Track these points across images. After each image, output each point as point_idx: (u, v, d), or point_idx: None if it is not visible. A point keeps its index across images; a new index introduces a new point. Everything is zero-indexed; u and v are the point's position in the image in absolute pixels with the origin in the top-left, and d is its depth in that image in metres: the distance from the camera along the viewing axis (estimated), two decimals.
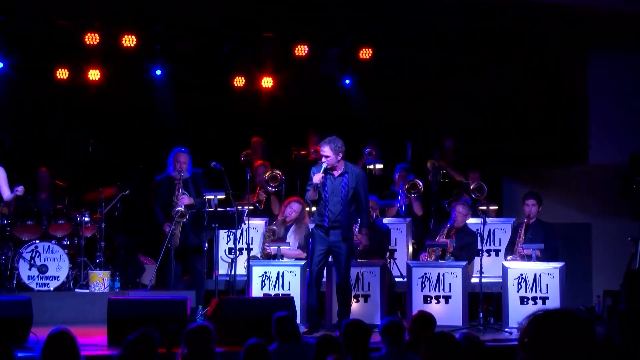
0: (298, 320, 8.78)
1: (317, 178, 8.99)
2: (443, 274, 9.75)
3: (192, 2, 11.27)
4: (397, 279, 10.54)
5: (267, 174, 11.00)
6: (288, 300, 8.78)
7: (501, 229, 11.02)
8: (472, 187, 11.19)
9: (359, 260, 9.66)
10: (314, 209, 11.06)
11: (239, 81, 12.76)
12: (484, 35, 11.83)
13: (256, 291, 9.61)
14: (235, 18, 11.47)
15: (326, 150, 9.05)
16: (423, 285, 9.77)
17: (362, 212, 9.21)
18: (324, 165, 9.03)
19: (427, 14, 11.35)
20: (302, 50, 12.22)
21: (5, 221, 10.25)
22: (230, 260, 10.38)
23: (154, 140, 12.60)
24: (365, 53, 12.36)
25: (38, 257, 10.28)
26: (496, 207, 11.74)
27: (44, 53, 11.90)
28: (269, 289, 9.63)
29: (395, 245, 10.95)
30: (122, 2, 11.23)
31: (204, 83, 12.76)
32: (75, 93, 12.33)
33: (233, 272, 10.03)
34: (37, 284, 10.22)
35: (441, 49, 12.20)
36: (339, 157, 9.08)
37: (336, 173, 9.11)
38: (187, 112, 12.83)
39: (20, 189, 9.80)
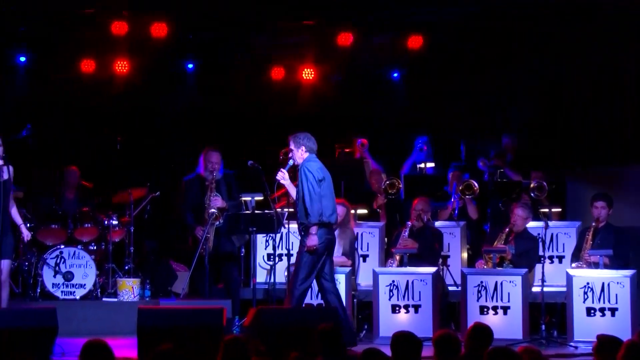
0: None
1: (277, 175, 9.08)
2: (501, 283, 9.71)
3: None
4: (450, 288, 10.52)
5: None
6: (332, 310, 8.79)
7: (565, 234, 10.93)
8: (531, 185, 11.14)
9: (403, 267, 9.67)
10: (360, 211, 11.12)
11: (278, 73, 12.81)
12: (552, 23, 11.71)
13: None
14: (274, 4, 11.52)
15: (290, 144, 9.15)
16: (479, 295, 9.74)
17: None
18: (290, 162, 9.14)
19: None
20: (346, 38, 12.24)
21: (28, 224, 10.38)
22: (269, 267, 10.43)
23: (186, 137, 12.70)
24: (416, 41, 12.34)
25: (63, 263, 10.42)
26: (559, 210, 11.66)
27: (68, 44, 12.05)
28: (312, 299, 9.66)
29: (449, 251, 10.93)
30: None
31: (240, 75, 12.84)
32: (101, 86, 12.46)
33: (272, 280, 10.05)
34: (62, 292, 10.36)
35: (502, 36, 12.11)
36: (302, 152, 9.12)
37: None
38: (220, 107, 12.92)
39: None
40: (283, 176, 9.10)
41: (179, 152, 12.62)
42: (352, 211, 10.63)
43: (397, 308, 9.77)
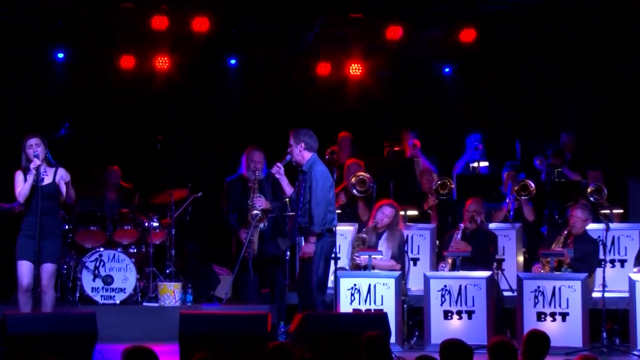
0: (392, 340, 8.81)
1: (275, 168, 9.12)
2: (559, 288, 9.65)
3: None
4: (505, 293, 10.47)
5: (353, 177, 11.04)
6: (380, 316, 8.77)
7: (627, 236, 10.84)
8: (589, 190, 11.06)
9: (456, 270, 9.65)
10: (410, 213, 11.10)
11: (324, 68, 12.83)
12: (610, 17, 11.59)
13: (344, 306, 9.66)
14: None
15: (290, 139, 9.19)
16: (536, 301, 9.68)
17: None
18: (288, 158, 9.18)
19: None
20: (395, 32, 12.23)
21: (66, 226, 10.50)
22: None
23: (228, 136, 12.76)
24: (468, 35, 12.30)
25: (103, 266, 10.52)
26: (621, 211, 11.55)
27: (107, 40, 12.16)
28: (359, 304, 9.67)
29: (504, 254, 10.89)
30: None
31: (284, 71, 12.88)
32: (141, 83, 12.56)
33: None
34: (101, 296, 10.47)
35: (560, 29, 12.00)
36: (301, 148, 9.13)
37: (304, 169, 9.22)
38: (263, 103, 12.96)
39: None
40: (279, 170, 9.16)
41: (221, 151, 12.69)
42: (402, 213, 10.61)
43: (450, 314, 9.74)
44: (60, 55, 12.40)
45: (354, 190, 11.07)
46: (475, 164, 12.13)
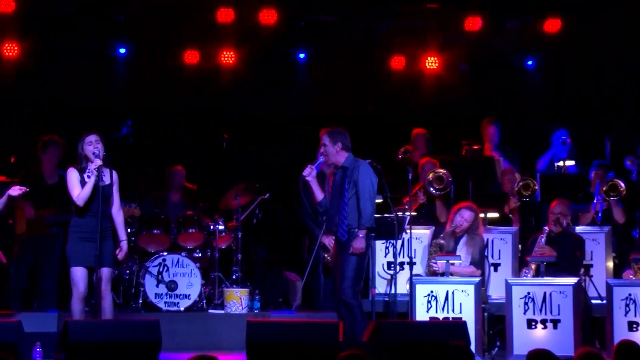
0: (472, 350, 8.77)
1: (305, 171, 9.06)
2: None
3: None
4: (594, 301, 10.36)
5: (430, 174, 11.01)
6: (460, 325, 8.74)
7: None
8: None
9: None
10: (490, 215, 11.03)
11: (398, 62, 12.81)
12: None
13: (421, 314, 9.64)
14: None
15: (324, 139, 9.16)
16: (627, 309, 9.57)
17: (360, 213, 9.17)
18: (321, 159, 9.16)
19: None
20: (474, 23, 12.17)
21: (129, 229, 10.61)
22: (389, 277, 10.44)
23: (299, 133, 12.79)
24: (553, 25, 12.18)
25: (166, 271, 10.63)
26: None
27: (170, 34, 12.27)
28: (436, 312, 9.65)
29: (592, 259, 10.78)
30: None
31: (355, 65, 12.88)
32: (206, 79, 12.65)
33: (393, 291, 10.08)
34: (165, 303, 10.57)
35: None
36: (338, 148, 9.11)
37: (337, 169, 9.19)
38: (334, 99, 12.98)
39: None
40: (311, 172, 9.11)
41: (291, 150, 12.73)
42: (482, 215, 10.55)
43: (534, 323, 9.66)
44: (122, 51, 12.52)
45: (431, 189, 11.02)
46: (561, 163, 12.00)
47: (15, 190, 8.79)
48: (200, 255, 11.15)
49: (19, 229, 10.32)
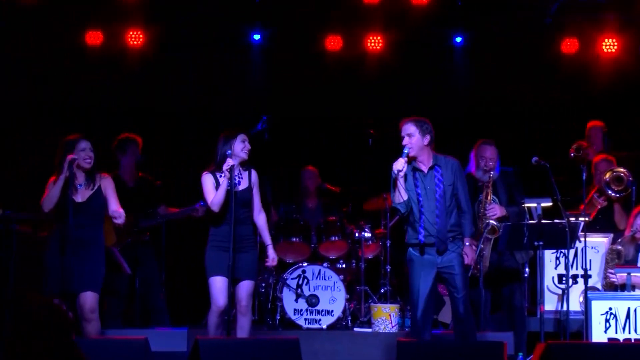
0: None
1: (398, 164, 8.66)
2: None
3: None
4: None
5: (608, 174, 10.84)
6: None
7: None
8: None
9: None
10: None
11: (570, 45, 12.66)
12: None
13: (598, 334, 9.47)
14: None
15: (410, 128, 8.82)
16: None
17: (463, 218, 8.94)
18: (406, 150, 8.76)
19: None
20: None
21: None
22: (560, 292, 10.32)
23: (456, 128, 12.74)
24: None
25: (306, 284, 10.71)
26: None
27: (310, 17, 12.36)
28: (616, 332, 9.48)
29: None
30: None
31: (520, 49, 12.76)
32: (351, 66, 12.69)
33: (565, 308, 9.94)
34: (305, 320, 10.65)
35: None
36: (426, 141, 8.83)
37: (424, 167, 8.89)
38: (493, 89, 12.88)
39: None
40: (405, 166, 8.75)
41: (447, 146, 12.67)
42: None
43: None
44: (257, 37, 12.64)
45: (609, 190, 10.86)
46: None
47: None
48: (344, 266, 11.21)
49: (109, 241, 10.29)
